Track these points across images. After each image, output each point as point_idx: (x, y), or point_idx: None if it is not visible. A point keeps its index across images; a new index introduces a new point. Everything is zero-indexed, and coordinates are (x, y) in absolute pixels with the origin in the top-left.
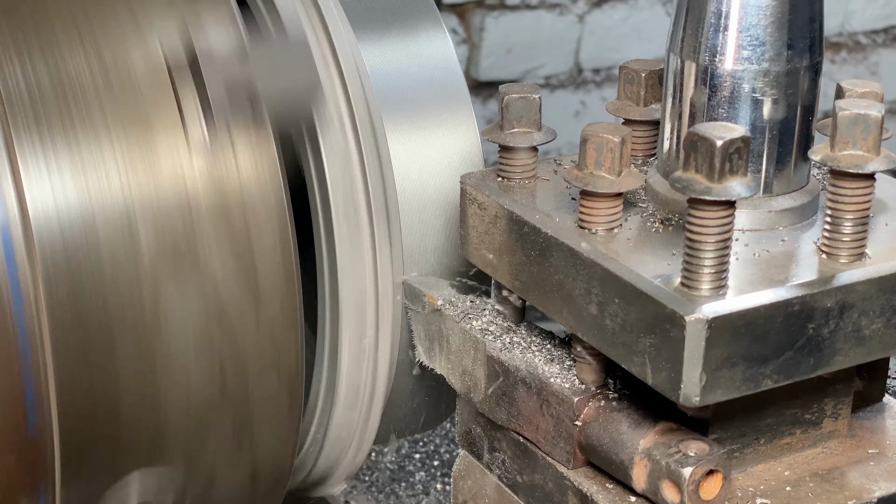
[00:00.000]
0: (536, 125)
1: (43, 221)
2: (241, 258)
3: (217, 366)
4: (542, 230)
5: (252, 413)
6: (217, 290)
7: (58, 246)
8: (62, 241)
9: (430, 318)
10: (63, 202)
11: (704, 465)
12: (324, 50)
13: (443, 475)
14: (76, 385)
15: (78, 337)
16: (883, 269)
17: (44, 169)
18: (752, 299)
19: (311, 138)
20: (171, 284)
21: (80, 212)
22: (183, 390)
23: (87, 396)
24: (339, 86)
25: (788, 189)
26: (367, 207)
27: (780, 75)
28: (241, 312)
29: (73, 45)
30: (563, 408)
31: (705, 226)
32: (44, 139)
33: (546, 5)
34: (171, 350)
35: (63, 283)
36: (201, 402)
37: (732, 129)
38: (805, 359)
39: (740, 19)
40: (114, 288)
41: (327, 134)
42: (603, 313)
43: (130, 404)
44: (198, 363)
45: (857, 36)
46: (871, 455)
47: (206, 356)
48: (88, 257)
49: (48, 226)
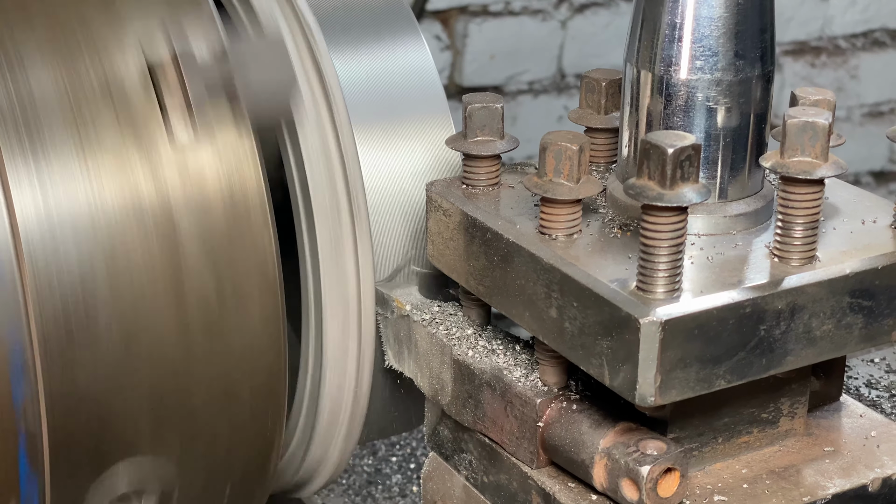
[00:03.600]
0: (499, 134)
1: (32, 228)
2: (221, 252)
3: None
4: (505, 236)
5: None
6: (198, 286)
7: (48, 245)
8: (52, 242)
9: (399, 323)
10: (52, 207)
11: (662, 464)
12: (301, 54)
13: (419, 478)
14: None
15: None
16: (833, 271)
17: (34, 175)
18: (704, 302)
19: (291, 140)
20: (156, 284)
21: (70, 215)
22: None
23: (73, 390)
24: (319, 89)
25: (743, 194)
26: (349, 211)
27: (733, 84)
28: (222, 308)
29: (53, 51)
30: (526, 409)
31: (658, 231)
32: (33, 145)
33: (529, 11)
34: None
35: (49, 277)
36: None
37: (684, 138)
38: (757, 359)
39: (693, 30)
40: (103, 289)
41: (306, 136)
42: (562, 317)
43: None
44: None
45: (837, 40)
46: (827, 453)
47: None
48: (79, 258)
49: (38, 233)
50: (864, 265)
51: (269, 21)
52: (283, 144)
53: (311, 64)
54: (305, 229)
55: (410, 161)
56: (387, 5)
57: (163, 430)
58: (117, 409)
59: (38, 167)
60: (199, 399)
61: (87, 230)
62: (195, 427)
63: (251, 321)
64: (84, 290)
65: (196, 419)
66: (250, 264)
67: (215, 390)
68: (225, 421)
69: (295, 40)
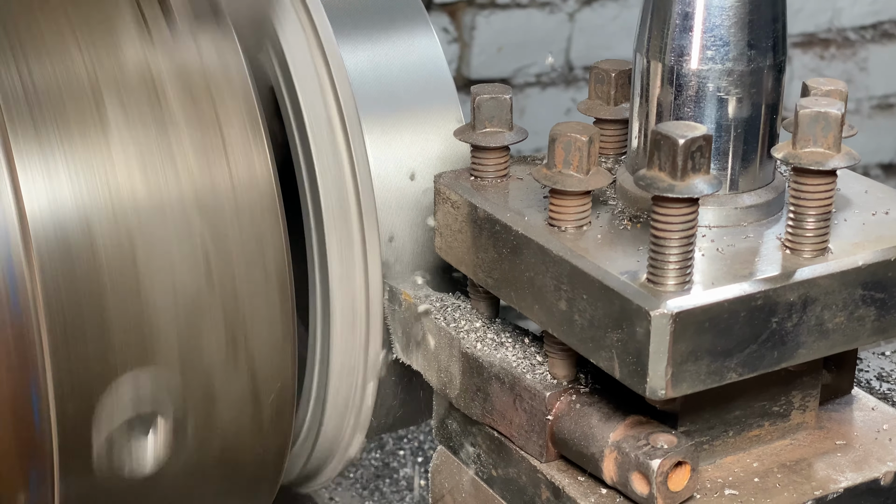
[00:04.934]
0: (508, 125)
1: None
2: (233, 246)
3: (200, 254)
4: (514, 228)
5: (243, 311)
6: (192, 181)
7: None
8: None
9: (407, 316)
10: (62, 197)
11: (672, 457)
12: (313, 51)
13: (427, 471)
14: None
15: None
16: (845, 263)
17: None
18: (715, 294)
19: (300, 134)
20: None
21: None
22: (168, 280)
23: (73, 289)
24: (328, 84)
25: (754, 186)
26: (357, 203)
27: (744, 74)
28: (218, 200)
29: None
30: (535, 402)
31: (669, 222)
32: (38, 132)
33: (536, 4)
34: (153, 240)
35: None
36: (189, 294)
37: (695, 128)
38: (769, 352)
39: (704, 20)
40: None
41: (314, 132)
42: (572, 309)
43: (116, 302)
44: (180, 250)
45: (846, 32)
46: (839, 446)
47: (188, 244)
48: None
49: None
50: (877, 257)
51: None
52: (292, 143)
53: (319, 55)
54: (314, 225)
55: (421, 152)
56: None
57: (168, 333)
58: (115, 312)
59: (46, 156)
60: (203, 292)
61: (99, 220)
62: (202, 326)
63: (251, 214)
64: (93, 281)
65: (202, 315)
66: (262, 258)
67: (220, 285)
68: (233, 322)
69: (305, 32)
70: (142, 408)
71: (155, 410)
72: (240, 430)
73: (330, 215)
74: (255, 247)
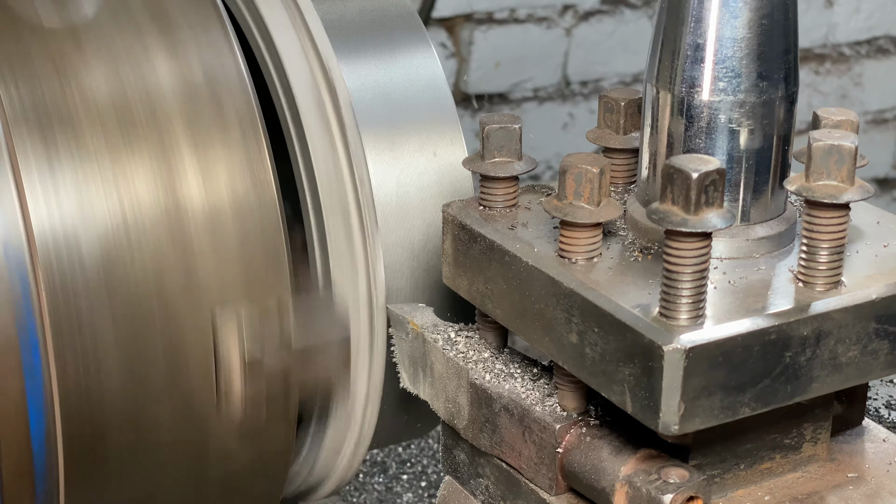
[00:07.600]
0: (517, 154)
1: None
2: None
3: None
4: (523, 259)
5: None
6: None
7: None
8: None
9: (414, 345)
10: (65, 209)
11: (685, 492)
12: (312, 65)
13: (430, 496)
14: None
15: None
16: (858, 296)
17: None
18: (729, 328)
19: (301, 149)
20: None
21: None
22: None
23: (85, 398)
24: (328, 96)
25: (765, 217)
26: (361, 227)
27: (756, 106)
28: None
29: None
30: (545, 434)
31: (682, 256)
32: (48, 149)
33: (534, 19)
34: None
35: (62, 289)
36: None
37: (708, 162)
38: (782, 386)
39: (716, 51)
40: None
41: (316, 151)
42: (583, 342)
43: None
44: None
45: (841, 47)
46: (851, 479)
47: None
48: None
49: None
50: (891, 290)
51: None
52: (294, 159)
53: (320, 73)
54: (317, 245)
55: (420, 172)
56: (397, 15)
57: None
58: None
59: (53, 171)
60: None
61: (103, 234)
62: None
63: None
64: (95, 293)
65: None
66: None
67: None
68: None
69: (304, 48)
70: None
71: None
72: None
73: (334, 237)
74: (260, 262)
